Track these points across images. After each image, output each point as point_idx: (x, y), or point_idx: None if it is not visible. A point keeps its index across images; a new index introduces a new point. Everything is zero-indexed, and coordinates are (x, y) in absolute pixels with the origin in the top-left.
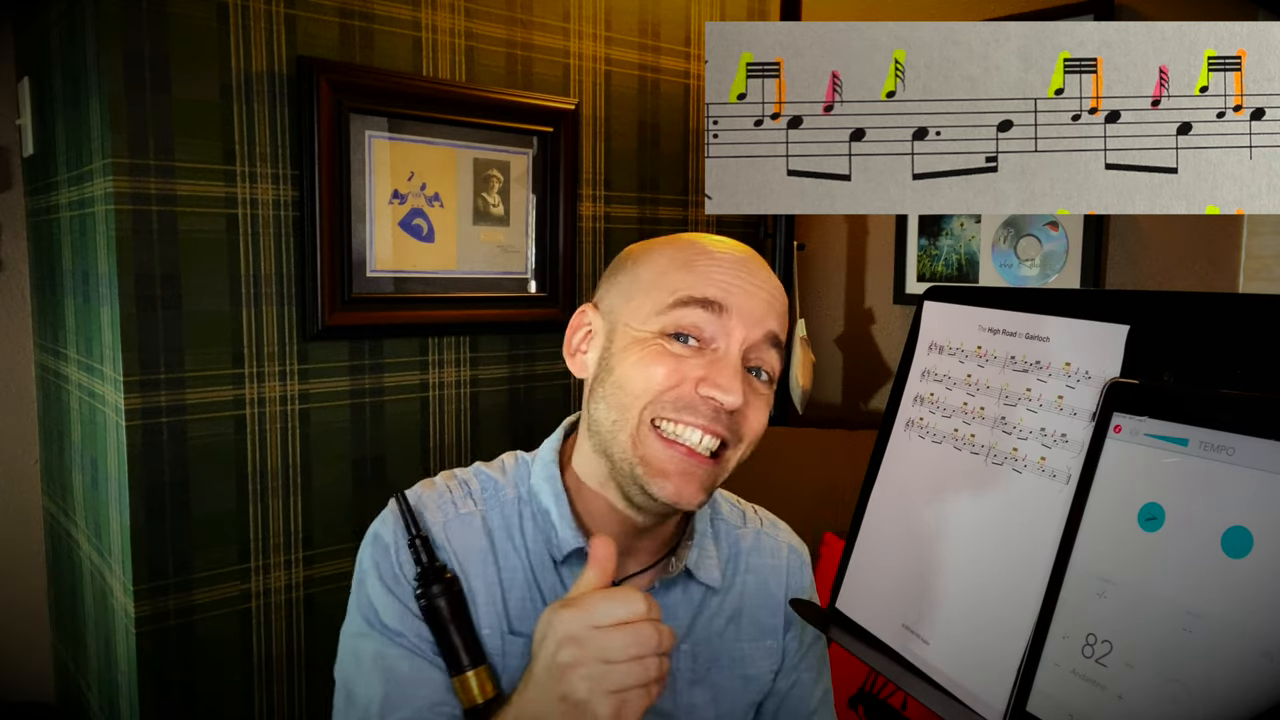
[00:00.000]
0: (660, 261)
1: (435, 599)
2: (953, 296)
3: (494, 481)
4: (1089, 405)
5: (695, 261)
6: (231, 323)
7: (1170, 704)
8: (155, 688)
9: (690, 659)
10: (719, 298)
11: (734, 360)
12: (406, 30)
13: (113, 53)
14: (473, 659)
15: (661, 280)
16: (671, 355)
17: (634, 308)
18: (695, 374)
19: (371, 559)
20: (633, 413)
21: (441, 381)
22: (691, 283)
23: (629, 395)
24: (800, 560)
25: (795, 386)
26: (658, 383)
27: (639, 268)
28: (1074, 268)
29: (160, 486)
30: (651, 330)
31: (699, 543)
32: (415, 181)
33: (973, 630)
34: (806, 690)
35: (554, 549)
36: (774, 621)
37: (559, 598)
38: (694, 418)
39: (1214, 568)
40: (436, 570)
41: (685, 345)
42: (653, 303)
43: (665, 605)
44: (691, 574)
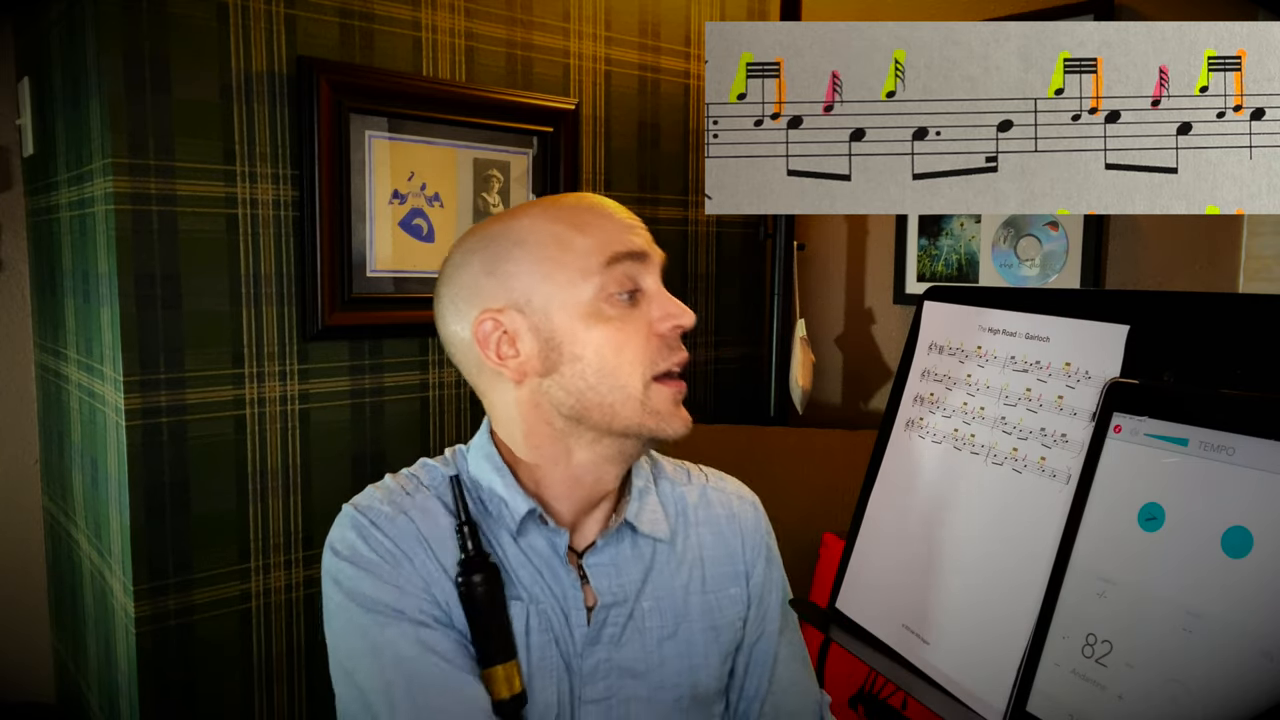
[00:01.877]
0: (552, 231)
1: (476, 587)
2: (953, 296)
3: (440, 470)
4: (1089, 405)
5: (587, 220)
6: (231, 323)
7: (1170, 704)
8: (155, 688)
9: (657, 615)
10: (639, 245)
11: (662, 288)
12: (406, 30)
13: (113, 53)
14: (504, 653)
15: (571, 249)
16: (634, 314)
17: (558, 286)
18: (654, 316)
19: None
20: (635, 381)
21: (441, 381)
22: (606, 240)
23: (623, 367)
24: (752, 507)
25: (795, 386)
26: (638, 348)
27: (528, 248)
28: (1074, 268)
29: (160, 486)
30: (592, 299)
31: (637, 496)
32: (415, 181)
33: (973, 630)
34: (772, 642)
35: (506, 521)
36: (734, 569)
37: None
38: (677, 354)
39: (1214, 568)
40: (481, 557)
41: (630, 298)
42: (578, 273)
43: (615, 561)
44: (633, 527)
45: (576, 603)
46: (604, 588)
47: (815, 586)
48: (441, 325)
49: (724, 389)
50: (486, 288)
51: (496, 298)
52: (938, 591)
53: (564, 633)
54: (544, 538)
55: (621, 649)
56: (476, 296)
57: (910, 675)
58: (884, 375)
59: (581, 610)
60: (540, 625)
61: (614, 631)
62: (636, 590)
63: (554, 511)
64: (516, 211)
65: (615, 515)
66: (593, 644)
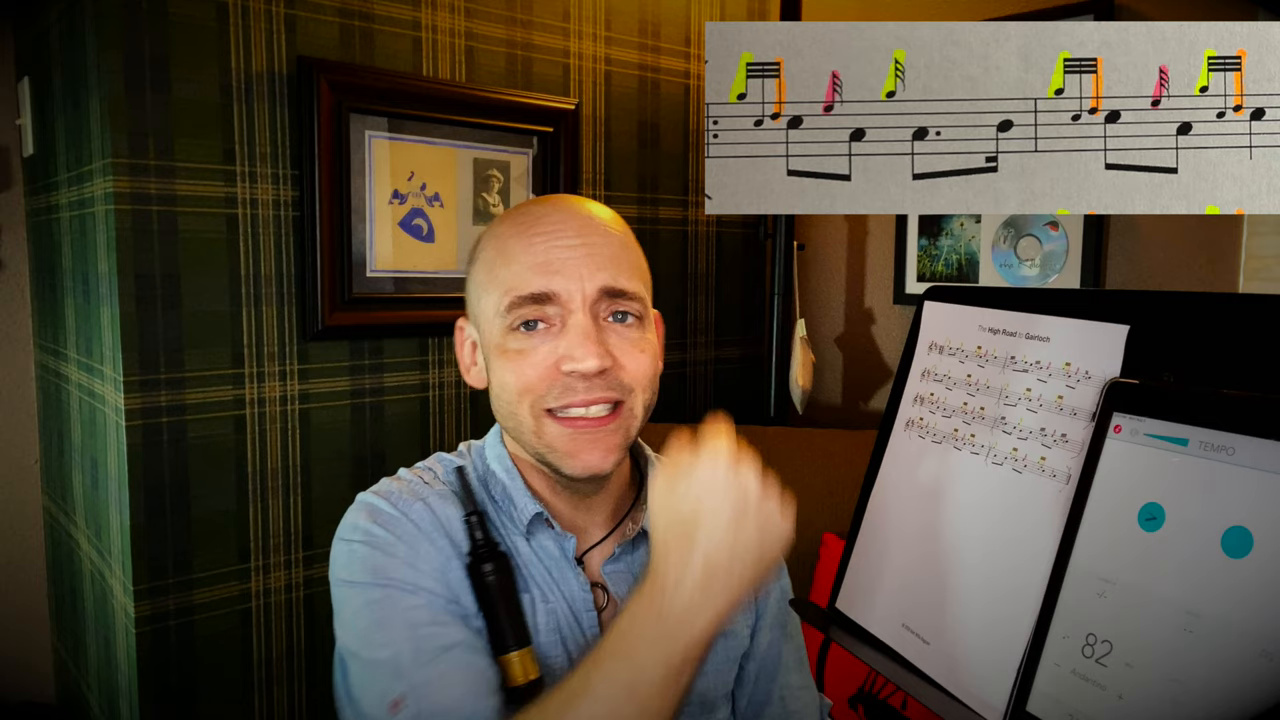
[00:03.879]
0: (488, 253)
1: (487, 576)
2: (953, 296)
3: (455, 464)
4: (1089, 405)
5: (511, 249)
6: (231, 323)
7: (1170, 704)
8: (155, 688)
9: None
10: (543, 286)
11: (582, 326)
12: (406, 30)
13: (113, 53)
14: (519, 640)
15: (492, 278)
16: (528, 352)
17: (483, 311)
18: (553, 358)
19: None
20: (523, 410)
21: (441, 381)
22: (514, 278)
23: (512, 397)
24: None
25: (795, 386)
26: (528, 382)
27: (475, 267)
28: (1074, 268)
29: (160, 486)
30: (501, 331)
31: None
32: (415, 181)
33: (973, 630)
34: (779, 648)
35: (518, 521)
36: None
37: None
38: (573, 395)
39: (1214, 568)
40: (491, 546)
41: (536, 330)
42: (493, 305)
43: (631, 569)
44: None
45: (586, 604)
46: (623, 595)
47: (815, 586)
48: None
49: (724, 389)
50: (468, 291)
51: (469, 304)
52: (938, 591)
53: (573, 632)
54: (552, 540)
55: None
56: (467, 299)
57: (910, 675)
58: (884, 375)
59: (592, 612)
60: (549, 623)
61: None
62: None
63: (556, 513)
64: (501, 217)
65: (631, 523)
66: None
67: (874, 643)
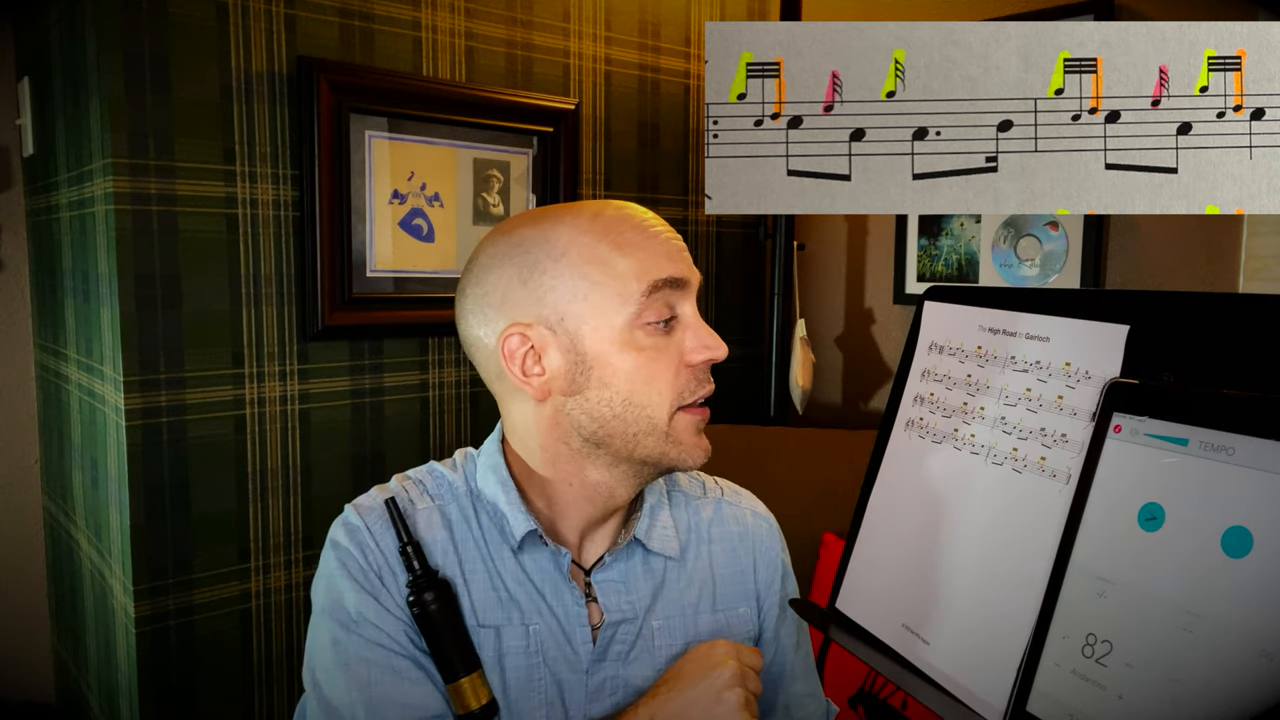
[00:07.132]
0: (593, 248)
1: (429, 606)
2: (953, 296)
3: (447, 477)
4: (1089, 405)
5: (630, 239)
6: (231, 323)
7: (1170, 704)
8: (155, 688)
9: (667, 634)
10: (676, 271)
11: (696, 316)
12: (406, 30)
13: (113, 53)
14: (467, 666)
15: (610, 270)
16: (668, 342)
17: (594, 308)
18: (688, 348)
19: (339, 564)
20: (661, 412)
21: (441, 381)
22: (647, 265)
23: (651, 398)
24: (768, 526)
25: (795, 386)
26: (673, 376)
27: (565, 264)
28: (1074, 268)
29: (160, 486)
30: (627, 325)
31: (649, 513)
32: (415, 181)
33: (973, 630)
34: (787, 658)
35: (508, 537)
36: (745, 587)
37: (521, 585)
38: (704, 386)
39: (1214, 568)
40: (430, 575)
41: (666, 326)
42: (616, 296)
43: (624, 578)
44: (643, 544)
45: (580, 619)
46: (612, 604)
47: (815, 586)
48: (463, 325)
49: (724, 389)
50: (518, 299)
51: (527, 312)
52: (938, 591)
53: (562, 651)
54: (546, 554)
55: (629, 666)
56: (505, 305)
57: (910, 675)
58: (884, 375)
59: (586, 628)
60: (530, 645)
61: (622, 649)
62: (646, 608)
63: (561, 527)
64: (554, 218)
65: (625, 531)
66: (599, 661)
67: (874, 643)
